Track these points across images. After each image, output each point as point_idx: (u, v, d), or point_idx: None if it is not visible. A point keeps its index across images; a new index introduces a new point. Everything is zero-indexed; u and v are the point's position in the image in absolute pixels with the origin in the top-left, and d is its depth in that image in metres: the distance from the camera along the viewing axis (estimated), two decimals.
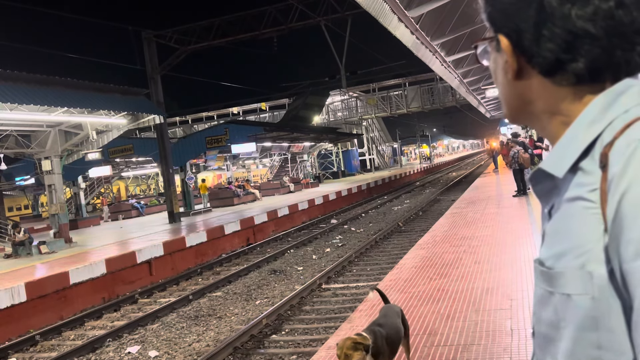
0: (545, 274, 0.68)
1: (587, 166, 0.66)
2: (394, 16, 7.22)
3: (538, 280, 0.71)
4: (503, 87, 0.79)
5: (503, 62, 0.76)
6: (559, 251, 0.67)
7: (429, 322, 5.20)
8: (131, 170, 33.60)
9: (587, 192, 0.65)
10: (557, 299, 0.66)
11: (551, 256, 0.68)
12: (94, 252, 12.60)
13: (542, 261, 0.70)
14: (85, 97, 13.55)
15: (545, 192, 0.76)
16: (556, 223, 0.70)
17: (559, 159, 0.70)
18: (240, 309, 8.83)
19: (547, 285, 0.68)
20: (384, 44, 20.08)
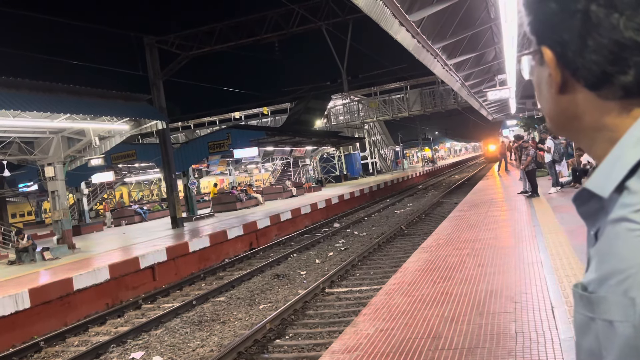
0: (586, 299, 0.64)
1: (633, 185, 0.64)
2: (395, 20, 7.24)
3: (578, 306, 0.67)
4: (547, 102, 0.76)
5: (547, 76, 0.73)
6: (602, 275, 0.63)
7: (433, 325, 5.19)
8: (134, 175, 33.65)
9: (631, 212, 0.62)
10: (599, 326, 0.62)
11: (594, 280, 0.64)
12: (97, 258, 12.61)
13: (584, 285, 0.66)
14: (88, 104, 13.59)
15: (592, 213, 0.72)
16: (600, 246, 0.66)
17: (604, 178, 0.67)
18: (243, 314, 8.83)
19: (588, 310, 0.64)
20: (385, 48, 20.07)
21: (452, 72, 14.08)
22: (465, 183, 32.40)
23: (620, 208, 0.63)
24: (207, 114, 49.66)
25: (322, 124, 42.47)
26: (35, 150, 14.63)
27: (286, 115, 42.21)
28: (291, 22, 18.99)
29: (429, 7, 7.74)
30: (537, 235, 8.63)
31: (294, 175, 37.31)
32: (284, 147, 29.92)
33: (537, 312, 5.10)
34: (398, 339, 4.95)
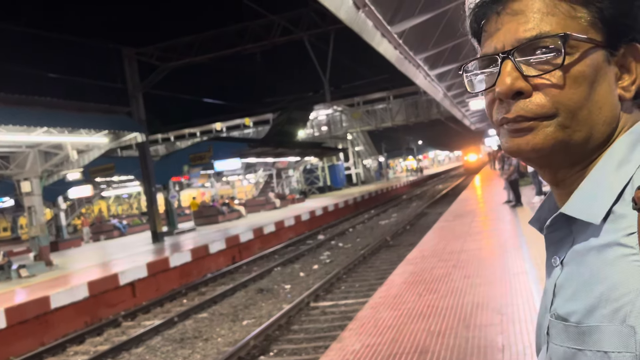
0: (572, 331, 0.59)
1: (619, 210, 0.59)
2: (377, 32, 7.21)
3: (559, 338, 0.61)
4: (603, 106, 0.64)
5: (613, 76, 0.65)
6: (589, 304, 0.57)
7: (419, 339, 5.08)
8: (113, 189, 33.19)
9: (623, 236, 0.57)
10: (587, 358, 0.57)
11: (578, 310, 0.59)
12: (75, 274, 12.31)
13: (563, 317, 0.61)
14: (66, 117, 13.35)
15: (558, 240, 0.67)
16: (581, 274, 0.60)
17: (589, 203, 0.61)
18: (226, 330, 8.64)
19: (574, 343, 0.58)
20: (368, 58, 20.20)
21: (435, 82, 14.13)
22: (449, 193, 32.55)
23: (608, 233, 0.58)
24: (187, 126, 49.32)
25: (306, 135, 42.44)
26: (10, 164, 14.29)
27: (269, 126, 42.11)
28: (272, 33, 18.94)
29: (410, 18, 7.73)
30: (522, 245, 8.61)
31: (277, 187, 37.14)
32: (266, 159, 29.77)
33: (524, 324, 5.04)
34: (384, 355, 4.84)
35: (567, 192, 0.68)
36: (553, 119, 0.63)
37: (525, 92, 0.63)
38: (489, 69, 0.68)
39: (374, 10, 6.27)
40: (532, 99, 0.63)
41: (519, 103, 0.63)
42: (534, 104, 0.63)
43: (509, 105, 0.64)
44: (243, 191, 40.44)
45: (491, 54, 0.66)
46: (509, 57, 0.64)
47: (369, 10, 6.18)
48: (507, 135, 0.66)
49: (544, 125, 0.63)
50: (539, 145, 0.63)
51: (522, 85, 0.63)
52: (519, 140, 0.64)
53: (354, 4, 5.83)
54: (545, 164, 0.67)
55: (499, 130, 0.68)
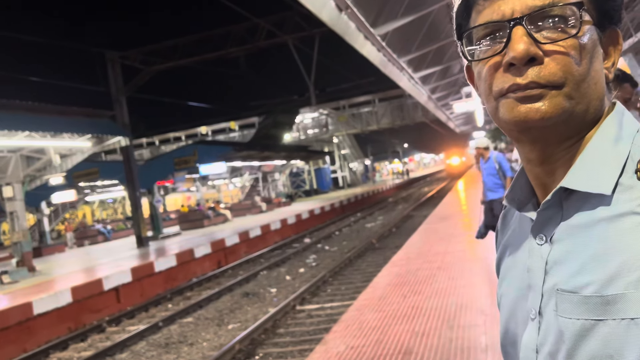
0: (590, 302, 0.59)
1: (626, 181, 0.61)
2: (360, 34, 7.23)
3: (572, 311, 0.61)
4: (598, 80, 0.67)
5: (600, 54, 0.68)
6: (609, 274, 0.58)
7: (403, 341, 5.09)
8: (97, 194, 32.86)
9: (638, 206, 0.59)
10: (609, 328, 0.57)
11: (593, 281, 0.59)
12: (58, 280, 12.15)
13: (572, 290, 0.61)
14: (48, 121, 13.20)
15: (547, 218, 0.68)
16: (589, 245, 0.62)
17: (596, 176, 0.63)
18: (212, 335, 8.59)
19: (593, 314, 0.59)
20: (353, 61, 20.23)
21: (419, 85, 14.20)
22: (434, 196, 32.70)
23: (620, 203, 0.60)
24: (172, 130, 49.02)
25: (292, 138, 42.41)
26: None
27: (254, 130, 42.02)
28: (257, 36, 18.92)
29: (394, 20, 7.77)
30: None
31: (264, 191, 37.05)
32: (252, 162, 29.69)
33: None
34: (369, 357, 4.84)
35: (551, 169, 0.69)
36: (561, 88, 0.63)
37: (538, 59, 0.63)
38: (489, 38, 0.68)
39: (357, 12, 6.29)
40: (545, 66, 0.63)
41: (533, 69, 0.63)
42: (548, 71, 0.63)
43: (520, 72, 0.64)
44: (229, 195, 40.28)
45: (498, 20, 0.66)
46: (521, 23, 0.64)
47: (352, 12, 6.20)
48: (513, 103, 0.65)
49: (552, 94, 0.63)
50: (548, 114, 0.63)
51: (537, 51, 0.63)
52: (527, 108, 0.64)
53: (337, 5, 5.84)
54: (541, 136, 0.66)
55: (496, 104, 0.67)
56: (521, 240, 0.74)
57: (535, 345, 0.68)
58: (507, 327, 0.77)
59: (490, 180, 7.60)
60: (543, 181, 0.71)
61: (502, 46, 0.65)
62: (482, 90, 0.70)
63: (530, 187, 0.75)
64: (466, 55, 0.72)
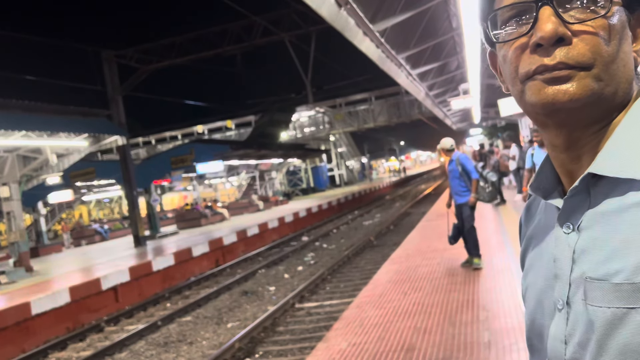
0: (622, 289, 0.57)
1: None
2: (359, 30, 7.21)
3: (602, 300, 0.59)
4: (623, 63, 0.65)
5: (631, 38, 0.67)
6: (639, 261, 0.56)
7: (405, 337, 5.08)
8: (94, 193, 32.76)
9: None
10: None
11: (625, 268, 0.57)
12: (56, 280, 12.10)
13: (603, 277, 0.59)
14: (44, 120, 13.13)
15: (573, 205, 0.66)
16: (619, 232, 0.59)
17: (628, 160, 0.61)
18: (211, 333, 8.56)
19: (625, 302, 0.57)
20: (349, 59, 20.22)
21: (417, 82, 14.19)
22: (431, 193, 32.73)
23: None
24: (169, 129, 48.91)
25: (288, 137, 42.36)
26: None
27: (251, 128, 41.95)
28: (253, 34, 18.86)
29: (392, 17, 7.75)
30: (505, 242, 8.68)
31: (261, 189, 37.01)
32: (249, 161, 29.65)
33: (509, 320, 5.07)
34: (371, 353, 4.83)
35: (576, 155, 0.67)
36: (590, 70, 0.62)
37: (566, 39, 0.62)
38: (515, 19, 0.66)
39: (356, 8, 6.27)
40: (573, 47, 0.62)
41: (561, 50, 0.62)
42: (576, 52, 0.62)
43: (548, 52, 0.62)
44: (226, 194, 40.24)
45: (525, 0, 0.64)
46: (549, 3, 0.62)
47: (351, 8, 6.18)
48: (540, 85, 0.63)
49: (581, 75, 0.62)
50: (577, 95, 0.62)
51: (565, 31, 0.62)
52: (555, 90, 0.62)
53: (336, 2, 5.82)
54: (569, 120, 0.65)
55: (522, 87, 0.66)
56: (547, 230, 0.73)
57: (563, 336, 0.66)
58: (534, 319, 0.75)
59: (456, 184, 7.21)
60: (569, 168, 0.69)
61: (529, 27, 0.64)
62: (508, 74, 0.68)
63: (555, 175, 0.73)
64: (491, 39, 0.70)
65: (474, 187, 6.99)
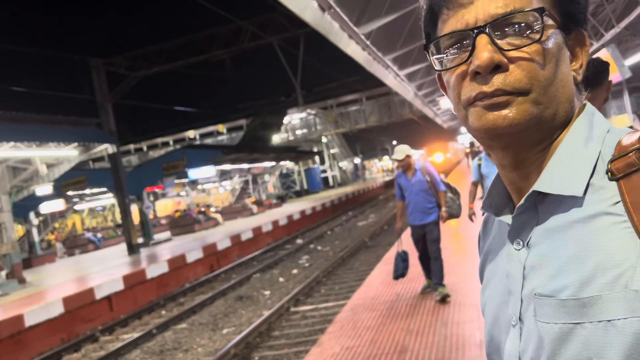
0: (567, 305, 0.58)
1: (597, 182, 0.61)
2: (344, 34, 7.23)
3: (550, 316, 0.60)
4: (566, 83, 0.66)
5: (567, 57, 0.68)
6: (584, 276, 0.58)
7: (398, 339, 5.10)
8: (86, 202, 32.59)
9: (609, 206, 0.58)
10: (588, 331, 0.56)
11: (569, 284, 0.59)
12: (49, 291, 12.04)
13: (550, 294, 0.61)
14: (33, 130, 13.06)
15: (522, 222, 0.67)
16: (565, 248, 0.61)
17: (567, 178, 0.62)
18: (207, 340, 8.54)
19: (570, 317, 0.58)
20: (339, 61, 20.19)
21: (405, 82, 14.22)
22: None
23: (593, 204, 0.60)
24: (160, 135, 48.73)
25: (280, 140, 42.33)
26: None
27: (242, 132, 41.88)
28: (241, 38, 18.86)
29: (377, 19, 7.77)
30: None
31: (254, 193, 36.96)
32: (241, 165, 29.60)
33: None
34: (364, 357, 4.84)
35: (525, 173, 0.68)
36: (528, 94, 0.63)
37: (502, 66, 0.63)
38: (455, 47, 0.67)
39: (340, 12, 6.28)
40: (510, 73, 0.63)
41: (498, 77, 0.63)
42: (513, 78, 0.62)
43: (485, 80, 0.63)
44: (219, 198, 40.14)
45: (462, 29, 0.65)
46: (485, 31, 0.63)
47: (335, 12, 6.19)
48: (481, 111, 0.64)
49: (519, 100, 0.63)
50: (516, 120, 0.63)
51: (502, 58, 0.63)
52: (495, 115, 0.63)
53: (319, 6, 5.83)
54: (512, 142, 0.66)
55: (465, 112, 0.67)
56: (501, 246, 0.74)
57: (517, 352, 0.67)
58: (492, 335, 0.77)
59: (422, 199, 6.03)
60: (518, 186, 0.70)
61: (467, 55, 0.65)
62: (452, 99, 0.70)
63: (507, 192, 0.74)
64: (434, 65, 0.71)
65: (442, 200, 6.02)
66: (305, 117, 43.76)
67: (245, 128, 41.47)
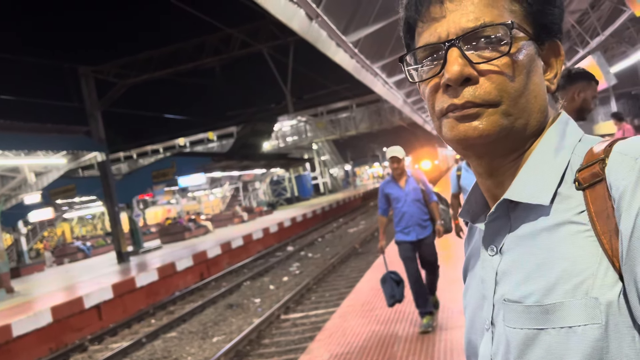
0: (532, 311, 0.61)
1: (564, 191, 0.63)
2: (332, 42, 7.27)
3: (516, 321, 0.63)
4: (538, 94, 0.68)
5: (541, 69, 0.69)
6: (548, 283, 0.60)
7: (387, 346, 5.10)
8: (75, 210, 32.35)
9: (574, 215, 0.60)
10: (551, 337, 0.59)
11: (535, 291, 0.61)
12: (38, 300, 11.92)
13: (517, 300, 0.63)
14: (21, 139, 12.99)
15: (495, 229, 0.69)
16: (533, 255, 0.63)
17: (535, 187, 0.64)
18: (196, 349, 8.50)
19: (535, 323, 0.60)
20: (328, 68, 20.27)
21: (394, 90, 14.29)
22: None
23: (559, 213, 0.62)
24: (150, 142, 48.51)
25: (271, 147, 42.32)
26: None
27: (233, 139, 41.83)
28: (231, 46, 18.88)
29: (365, 27, 7.82)
30: None
31: (245, 200, 36.88)
32: (231, 172, 29.54)
33: None
34: None
35: (499, 181, 0.70)
36: (498, 106, 0.65)
37: (473, 79, 0.65)
38: (429, 59, 0.69)
39: (327, 21, 6.32)
40: (479, 86, 0.65)
41: (468, 89, 0.65)
42: (482, 91, 0.64)
43: (456, 92, 0.65)
44: (210, 206, 40.01)
45: (435, 42, 0.67)
46: (455, 45, 0.65)
47: (322, 21, 6.23)
48: (453, 122, 0.66)
49: (489, 112, 0.65)
50: (486, 132, 0.65)
51: (471, 71, 0.65)
52: (466, 127, 0.65)
53: (307, 14, 5.88)
54: (485, 152, 0.68)
55: (439, 122, 0.69)
56: (479, 252, 0.76)
57: (490, 356, 0.69)
58: (469, 338, 0.79)
59: (417, 211, 5.33)
60: (494, 193, 0.72)
61: (440, 67, 0.67)
62: (428, 109, 0.72)
63: (484, 199, 0.76)
64: (408, 77, 0.74)
65: (436, 212, 5.36)
66: (296, 124, 43.81)
67: (235, 135, 41.40)
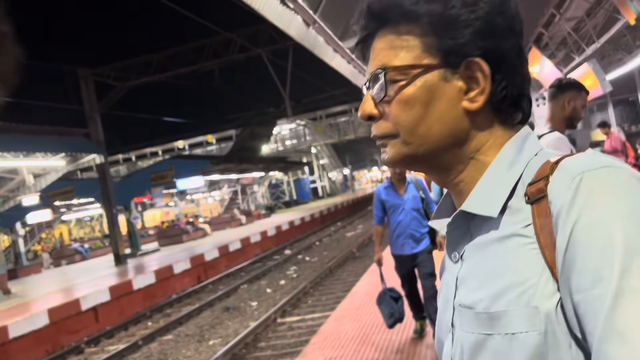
0: (481, 317, 0.65)
1: (514, 204, 0.66)
2: (329, 47, 7.33)
3: (468, 326, 0.67)
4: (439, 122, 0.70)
5: (455, 92, 0.70)
6: (495, 291, 0.64)
7: (382, 350, 5.14)
8: (73, 212, 32.35)
9: (521, 228, 0.64)
10: (497, 342, 0.63)
11: (484, 298, 0.65)
12: (35, 302, 11.94)
13: (469, 306, 0.67)
14: (20, 141, 13.02)
15: (458, 237, 0.74)
16: (484, 264, 0.68)
17: (486, 199, 0.69)
18: (193, 352, 8.52)
19: (484, 329, 0.65)
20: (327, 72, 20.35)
21: None
22: None
23: (507, 225, 0.66)
24: (149, 145, 48.53)
25: (270, 150, 42.37)
26: None
27: (232, 142, 41.86)
28: (231, 50, 18.94)
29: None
30: None
31: (243, 203, 36.90)
32: (230, 175, 29.58)
33: None
34: None
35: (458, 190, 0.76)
36: (397, 137, 0.73)
37: (375, 117, 0.74)
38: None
39: (324, 27, 6.38)
40: (379, 123, 0.74)
41: (374, 125, 0.75)
42: (381, 127, 0.74)
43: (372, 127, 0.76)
44: (208, 209, 40.03)
45: (364, 83, 0.78)
46: (366, 86, 0.76)
47: (319, 27, 6.29)
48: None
49: (392, 143, 0.74)
50: (392, 159, 0.74)
51: (373, 111, 0.74)
52: (383, 153, 0.75)
53: (304, 21, 5.94)
54: (419, 170, 0.78)
55: None
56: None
57: (450, 356, 0.74)
58: (439, 337, 0.84)
59: (417, 220, 4.82)
60: (459, 202, 0.78)
61: None
62: None
63: (453, 207, 0.81)
64: None
65: None
66: (295, 127, 43.88)
67: (234, 138, 41.44)
